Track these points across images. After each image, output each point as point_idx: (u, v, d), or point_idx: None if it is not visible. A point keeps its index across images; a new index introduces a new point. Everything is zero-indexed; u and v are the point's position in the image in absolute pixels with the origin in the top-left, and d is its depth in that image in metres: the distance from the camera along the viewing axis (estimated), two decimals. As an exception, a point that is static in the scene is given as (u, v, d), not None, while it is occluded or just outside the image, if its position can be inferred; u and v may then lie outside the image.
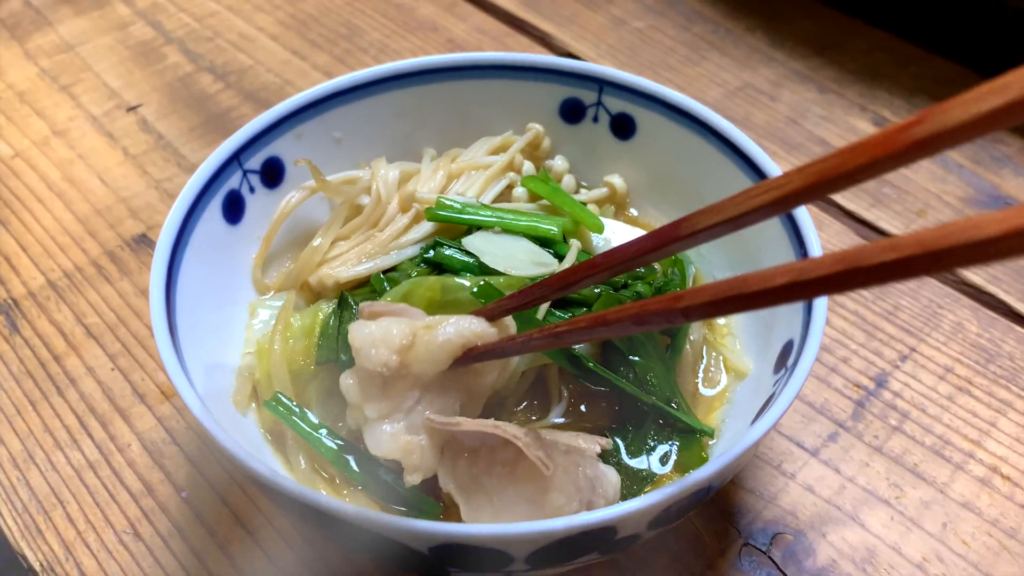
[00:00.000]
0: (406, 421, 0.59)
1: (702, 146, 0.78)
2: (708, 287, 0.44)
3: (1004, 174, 1.02)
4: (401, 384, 0.59)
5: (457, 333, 0.58)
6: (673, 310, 0.45)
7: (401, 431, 0.58)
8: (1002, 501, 0.73)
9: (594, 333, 0.52)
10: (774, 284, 0.40)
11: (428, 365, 0.58)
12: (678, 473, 0.67)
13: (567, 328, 0.53)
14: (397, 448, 0.58)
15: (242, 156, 0.75)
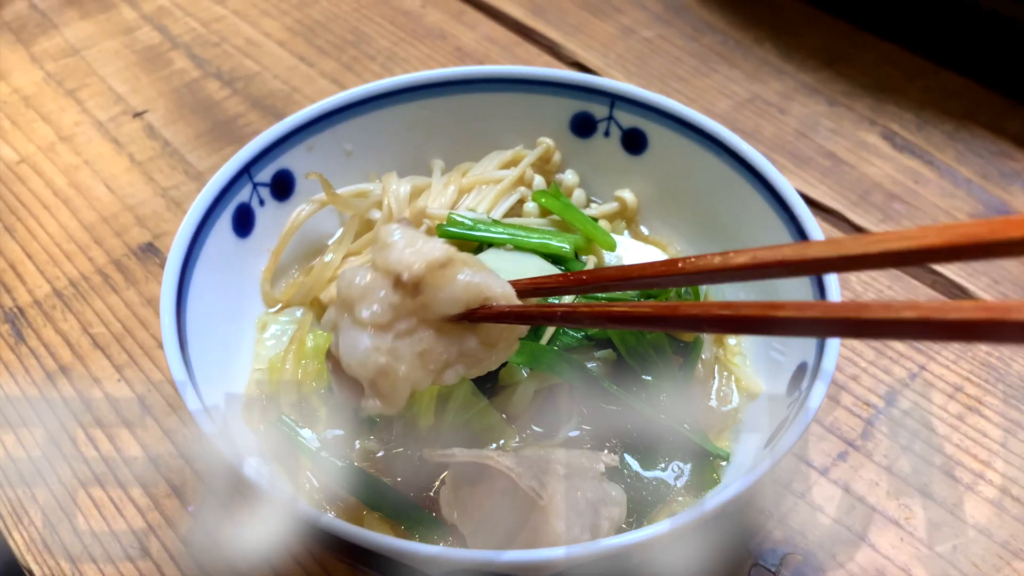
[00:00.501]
0: (394, 343, 0.54)
1: (713, 162, 0.78)
2: (817, 304, 0.42)
3: (1013, 190, 1.01)
4: (408, 304, 0.54)
5: (485, 282, 0.55)
6: (770, 319, 0.43)
7: (384, 350, 0.53)
8: (1012, 523, 0.73)
9: (656, 323, 0.50)
10: (900, 317, 0.37)
11: (444, 298, 0.54)
12: (690, 494, 0.66)
13: (626, 311, 0.51)
14: (373, 365, 0.53)
15: (252, 169, 0.75)
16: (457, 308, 0.54)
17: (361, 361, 0.53)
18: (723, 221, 0.79)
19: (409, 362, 0.54)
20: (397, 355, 0.54)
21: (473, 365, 0.57)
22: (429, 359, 0.55)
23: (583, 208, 0.84)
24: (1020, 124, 1.09)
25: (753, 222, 0.75)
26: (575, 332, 0.70)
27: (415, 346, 0.54)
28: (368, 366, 0.53)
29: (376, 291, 0.54)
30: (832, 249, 0.43)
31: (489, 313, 0.55)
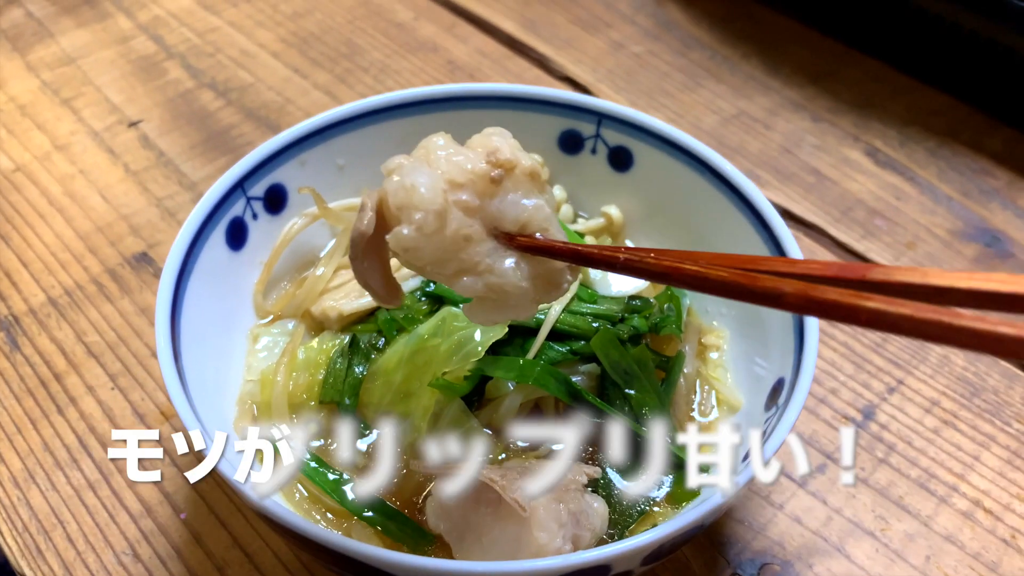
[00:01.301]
0: (453, 203, 0.54)
1: (697, 180, 0.79)
2: (908, 303, 0.40)
3: (992, 207, 1.04)
4: (481, 186, 0.55)
5: (550, 217, 0.56)
6: (857, 307, 0.41)
7: (447, 199, 0.53)
8: (984, 535, 0.75)
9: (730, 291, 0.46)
10: (995, 331, 0.37)
11: (513, 203, 0.55)
12: (670, 505, 0.68)
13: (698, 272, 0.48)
14: (434, 197, 0.53)
15: (246, 183, 0.76)
16: (515, 223, 0.55)
17: (429, 187, 0.53)
18: (705, 237, 0.81)
19: (455, 229, 0.54)
20: (451, 213, 0.54)
21: (490, 292, 0.56)
22: (467, 247, 0.55)
23: (570, 223, 0.86)
24: (1000, 142, 1.11)
25: (735, 239, 0.77)
26: (560, 347, 0.71)
27: (466, 224, 0.54)
28: (431, 193, 0.53)
29: (464, 152, 0.55)
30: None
31: (543, 244, 0.55)
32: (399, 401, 0.71)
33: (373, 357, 0.73)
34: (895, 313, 0.40)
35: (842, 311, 0.42)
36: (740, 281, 0.46)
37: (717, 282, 0.47)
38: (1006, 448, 0.81)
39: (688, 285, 0.49)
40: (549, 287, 0.57)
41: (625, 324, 0.73)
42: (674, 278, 0.49)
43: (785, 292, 0.44)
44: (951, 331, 0.38)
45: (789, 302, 0.44)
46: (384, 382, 0.71)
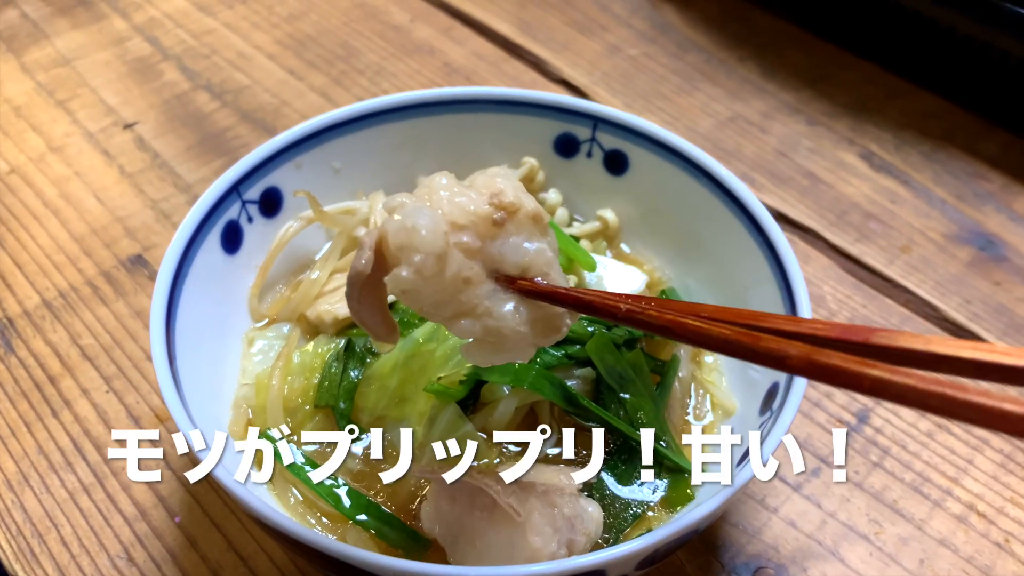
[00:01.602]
0: (453, 245, 0.53)
1: (692, 184, 0.80)
2: (913, 373, 0.39)
3: (986, 211, 1.04)
4: (483, 228, 0.55)
5: (552, 262, 0.56)
6: (860, 375, 0.41)
7: (449, 242, 0.53)
8: (977, 539, 0.75)
9: (733, 350, 0.46)
10: (1000, 408, 0.37)
11: (515, 247, 0.55)
12: (665, 509, 0.68)
13: (700, 328, 0.48)
14: (435, 239, 0.52)
15: (241, 187, 0.76)
16: (517, 267, 0.55)
17: (430, 229, 0.52)
18: (701, 241, 0.81)
19: (455, 272, 0.53)
20: (451, 255, 0.53)
21: (487, 335, 0.56)
22: (466, 289, 0.54)
23: (565, 227, 0.86)
24: (995, 146, 1.11)
25: (730, 243, 0.77)
26: (556, 351, 0.72)
27: (466, 267, 0.54)
28: (432, 235, 0.52)
29: (466, 193, 0.55)
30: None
31: (545, 289, 0.55)
32: (394, 405, 0.71)
33: (368, 361, 0.73)
34: (899, 383, 0.39)
35: (846, 378, 0.41)
36: (743, 341, 0.46)
37: (720, 340, 0.47)
38: (999, 452, 0.81)
39: (690, 341, 0.49)
40: (548, 331, 0.57)
41: (620, 329, 0.73)
42: (676, 333, 0.49)
43: (789, 355, 0.44)
44: (955, 404, 0.38)
45: (792, 365, 0.44)
46: (379, 386, 0.71)
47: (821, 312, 0.92)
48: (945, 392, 0.38)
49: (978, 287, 0.96)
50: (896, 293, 0.95)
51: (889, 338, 0.43)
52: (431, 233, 0.52)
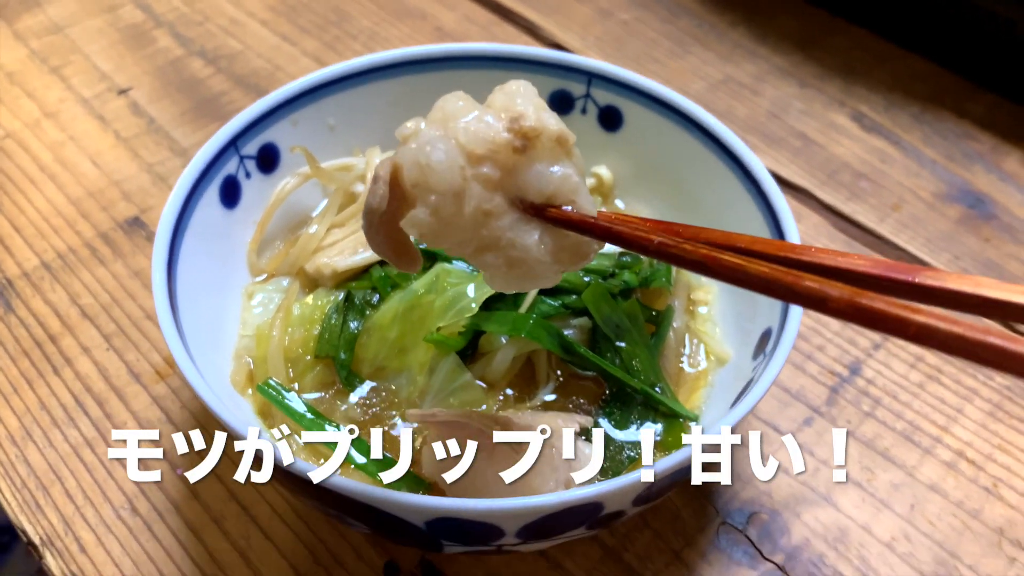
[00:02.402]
0: (473, 178, 0.51)
1: (687, 140, 0.80)
2: (962, 322, 0.37)
3: (975, 170, 1.05)
4: (504, 157, 0.51)
5: (580, 186, 0.53)
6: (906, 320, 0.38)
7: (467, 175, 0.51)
8: (966, 484, 0.77)
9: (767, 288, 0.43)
10: None
11: (538, 174, 0.51)
12: (660, 453, 0.69)
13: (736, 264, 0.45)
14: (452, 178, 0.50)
15: (239, 142, 0.77)
16: (541, 194, 0.52)
17: (446, 166, 0.50)
18: (696, 197, 0.82)
19: (475, 206, 0.51)
20: (470, 190, 0.51)
21: (511, 267, 0.53)
22: (488, 222, 0.52)
23: (561, 183, 0.86)
24: (983, 107, 1.12)
25: (725, 199, 0.78)
26: (553, 301, 0.72)
27: (485, 200, 0.51)
28: (448, 173, 0.50)
29: (485, 117, 0.51)
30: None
31: (572, 217, 0.51)
32: (394, 356, 0.72)
33: (368, 313, 0.74)
34: (947, 331, 0.37)
35: (890, 323, 0.39)
36: (784, 280, 0.43)
37: (757, 278, 0.44)
38: (988, 401, 0.83)
39: (726, 279, 0.46)
40: (575, 258, 0.55)
41: (616, 279, 0.74)
42: (711, 269, 0.46)
43: (831, 296, 0.41)
44: (1005, 356, 0.36)
45: (833, 307, 0.41)
46: (379, 337, 0.72)
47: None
48: (996, 343, 0.36)
49: (967, 244, 0.97)
50: (887, 250, 0.96)
51: (937, 278, 0.41)
52: (447, 170, 0.50)
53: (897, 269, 0.43)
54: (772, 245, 0.48)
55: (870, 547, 0.73)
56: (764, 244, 0.48)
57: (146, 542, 0.71)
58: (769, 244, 0.48)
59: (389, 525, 0.57)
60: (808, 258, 0.46)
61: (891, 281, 0.43)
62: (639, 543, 0.71)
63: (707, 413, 0.71)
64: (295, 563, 0.69)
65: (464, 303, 0.71)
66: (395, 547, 0.70)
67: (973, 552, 0.73)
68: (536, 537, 0.57)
